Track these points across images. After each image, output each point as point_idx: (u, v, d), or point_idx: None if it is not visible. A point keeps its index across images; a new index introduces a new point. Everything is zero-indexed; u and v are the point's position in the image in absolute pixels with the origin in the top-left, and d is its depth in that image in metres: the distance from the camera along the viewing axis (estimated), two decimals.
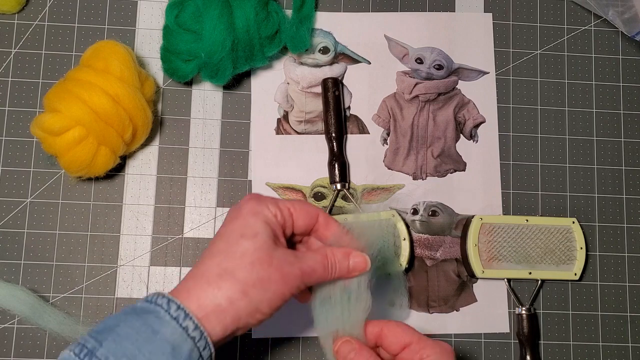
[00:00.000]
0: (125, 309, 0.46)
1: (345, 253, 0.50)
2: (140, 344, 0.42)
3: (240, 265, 0.46)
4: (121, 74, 0.61)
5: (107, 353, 0.42)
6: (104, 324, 0.44)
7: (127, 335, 0.43)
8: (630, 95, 0.73)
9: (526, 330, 0.66)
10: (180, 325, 0.44)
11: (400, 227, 0.66)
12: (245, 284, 0.45)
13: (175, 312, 0.44)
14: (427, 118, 0.71)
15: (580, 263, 0.67)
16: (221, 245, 0.47)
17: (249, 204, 0.48)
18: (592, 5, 0.70)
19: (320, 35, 0.71)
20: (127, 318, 0.44)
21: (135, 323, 0.43)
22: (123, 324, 0.43)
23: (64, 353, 0.43)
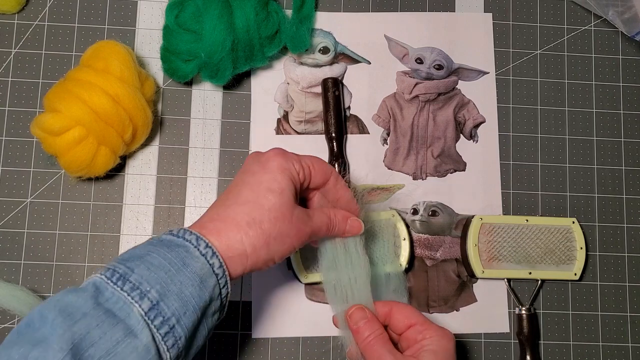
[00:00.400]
0: (150, 240, 0.48)
1: (344, 216, 0.55)
2: (172, 274, 0.45)
3: (266, 218, 0.49)
4: (121, 74, 0.61)
5: (140, 279, 0.44)
6: (130, 254, 0.46)
7: (159, 264, 0.45)
8: (630, 95, 0.73)
9: (526, 330, 0.66)
10: (207, 261, 0.46)
11: (400, 227, 0.66)
12: (269, 235, 0.49)
13: (204, 249, 0.46)
14: (427, 118, 0.71)
15: (580, 263, 0.67)
16: (250, 195, 0.49)
17: (277, 159, 0.51)
18: (592, 5, 0.70)
19: (320, 35, 0.71)
20: (157, 249, 0.46)
21: (167, 254, 0.45)
22: (154, 254, 0.45)
23: (93, 278, 0.44)
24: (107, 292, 0.43)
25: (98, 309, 0.42)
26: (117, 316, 0.42)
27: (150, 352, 0.42)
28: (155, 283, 0.44)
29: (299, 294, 0.66)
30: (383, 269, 0.64)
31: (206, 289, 0.46)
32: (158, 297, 0.44)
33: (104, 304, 0.43)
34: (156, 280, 0.44)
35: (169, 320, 0.44)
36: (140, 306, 0.43)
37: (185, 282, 0.45)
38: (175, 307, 0.44)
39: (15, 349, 0.40)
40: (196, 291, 0.45)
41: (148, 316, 0.43)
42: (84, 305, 0.42)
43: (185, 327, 0.45)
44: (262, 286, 0.66)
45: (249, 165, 0.52)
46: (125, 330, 0.42)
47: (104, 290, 0.43)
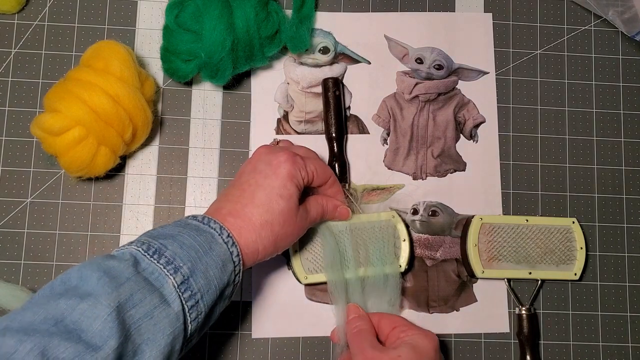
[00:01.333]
0: (177, 222, 0.53)
1: (334, 205, 0.63)
2: (201, 255, 0.50)
3: (277, 221, 0.55)
4: (121, 74, 0.61)
5: (174, 254, 0.48)
6: (160, 232, 0.51)
7: (190, 244, 0.50)
8: (630, 95, 0.73)
9: (526, 330, 0.66)
10: (228, 249, 0.52)
11: (400, 228, 0.66)
12: (277, 236, 0.55)
13: (226, 238, 0.52)
14: (427, 118, 0.71)
15: (580, 263, 0.67)
16: (263, 198, 0.55)
17: (287, 166, 0.56)
18: (592, 5, 0.70)
19: (320, 35, 0.71)
20: (187, 231, 0.51)
21: (197, 237, 0.51)
22: (185, 235, 0.50)
23: (129, 248, 0.49)
24: (143, 263, 0.48)
25: (139, 277, 0.47)
26: (153, 285, 0.47)
27: (180, 320, 0.47)
28: (187, 260, 0.49)
29: (299, 294, 0.66)
30: (382, 270, 0.64)
31: (226, 273, 0.51)
32: (189, 273, 0.48)
33: (142, 273, 0.47)
34: (187, 258, 0.49)
35: (196, 295, 0.48)
36: (174, 279, 0.47)
37: (210, 263, 0.50)
38: (202, 284, 0.49)
39: (62, 299, 0.43)
40: (218, 273, 0.50)
41: (180, 289, 0.48)
42: (127, 271, 0.46)
43: (207, 303, 0.50)
44: (262, 286, 0.66)
45: (260, 165, 0.57)
46: (160, 298, 0.47)
47: (141, 261, 0.48)
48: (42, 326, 0.42)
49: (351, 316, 0.61)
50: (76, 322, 0.42)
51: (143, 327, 0.45)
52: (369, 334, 0.59)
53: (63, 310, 0.43)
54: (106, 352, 0.42)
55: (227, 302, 0.54)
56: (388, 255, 0.64)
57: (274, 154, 0.58)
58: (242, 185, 0.56)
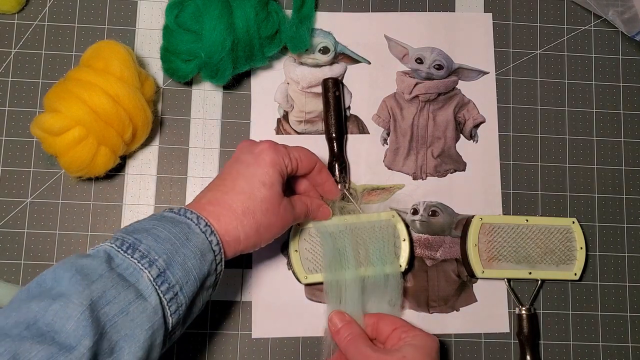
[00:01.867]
0: (153, 216, 0.52)
1: (318, 204, 0.63)
2: (177, 247, 0.49)
3: (259, 209, 0.54)
4: (121, 74, 0.61)
5: (148, 248, 0.48)
6: (134, 227, 0.50)
7: (166, 237, 0.49)
8: (630, 95, 0.73)
9: (526, 330, 0.66)
10: (207, 238, 0.51)
11: (400, 228, 0.66)
12: (260, 224, 0.54)
13: (203, 227, 0.51)
14: (427, 118, 0.71)
15: (580, 263, 0.67)
16: (245, 186, 0.54)
17: (269, 153, 0.56)
18: (592, 5, 0.70)
19: (320, 35, 0.71)
20: (161, 224, 0.50)
21: (172, 229, 0.50)
22: (159, 227, 0.50)
23: (103, 246, 0.48)
24: (117, 259, 0.47)
25: (112, 273, 0.46)
26: (128, 280, 0.46)
27: (158, 314, 0.46)
28: (162, 253, 0.48)
29: (299, 294, 0.66)
30: (382, 270, 0.64)
31: (205, 263, 0.50)
32: (165, 266, 0.47)
33: (116, 269, 0.46)
34: (163, 251, 0.48)
35: (174, 287, 0.48)
36: (149, 273, 0.47)
37: (188, 254, 0.49)
38: (179, 276, 0.48)
39: (34, 302, 0.43)
40: (197, 263, 0.49)
41: (156, 282, 0.47)
42: (99, 268, 0.45)
43: (187, 295, 0.49)
44: (262, 286, 0.66)
45: (243, 156, 0.56)
46: (136, 293, 0.46)
47: (115, 257, 0.47)
48: (13, 330, 0.41)
49: (339, 325, 0.60)
50: (49, 323, 0.42)
51: (119, 323, 0.44)
52: (365, 339, 0.58)
53: (35, 313, 0.42)
54: (80, 351, 0.41)
55: (212, 292, 0.54)
56: (388, 255, 0.64)
57: (256, 143, 0.57)
58: (224, 175, 0.56)
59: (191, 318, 0.52)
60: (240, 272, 0.66)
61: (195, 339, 0.65)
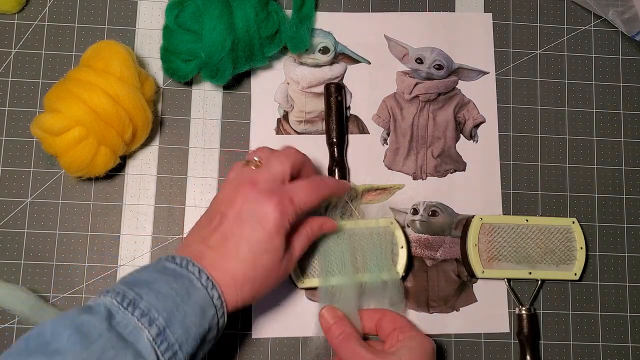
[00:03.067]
0: (155, 267, 0.51)
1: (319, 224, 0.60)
2: (178, 303, 0.48)
3: (259, 277, 0.53)
4: (121, 74, 0.61)
5: (149, 305, 0.47)
6: (136, 278, 0.50)
7: (167, 293, 0.48)
8: (630, 95, 0.73)
9: (526, 330, 0.66)
10: (208, 293, 0.50)
11: (398, 234, 0.66)
12: (258, 291, 0.54)
13: (205, 281, 0.50)
14: (427, 118, 0.71)
15: (580, 263, 0.67)
16: (247, 254, 0.52)
17: (274, 217, 0.53)
18: (592, 5, 0.70)
19: (320, 35, 0.71)
20: (164, 278, 0.49)
21: (173, 284, 0.49)
22: (161, 282, 0.49)
23: (104, 299, 0.47)
24: (118, 316, 0.46)
25: (111, 332, 0.45)
26: (127, 340, 0.45)
27: None
28: (163, 310, 0.47)
29: (299, 294, 0.66)
30: (380, 276, 0.64)
31: (206, 319, 0.50)
32: (165, 324, 0.47)
33: (115, 327, 0.46)
34: (163, 308, 0.47)
35: (173, 346, 0.47)
36: (149, 332, 0.46)
37: (188, 311, 0.48)
38: (179, 334, 0.48)
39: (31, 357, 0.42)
40: (198, 320, 0.49)
41: (155, 342, 0.46)
42: (99, 327, 0.45)
43: (186, 353, 0.48)
44: None
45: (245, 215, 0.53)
46: (134, 354, 0.45)
47: (116, 313, 0.46)
48: None
49: (331, 321, 0.59)
50: None
51: None
52: (358, 338, 0.58)
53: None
54: None
55: (212, 343, 0.53)
56: (385, 261, 0.64)
57: (260, 201, 0.53)
58: (225, 232, 0.53)
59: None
60: None
61: None
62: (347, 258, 0.63)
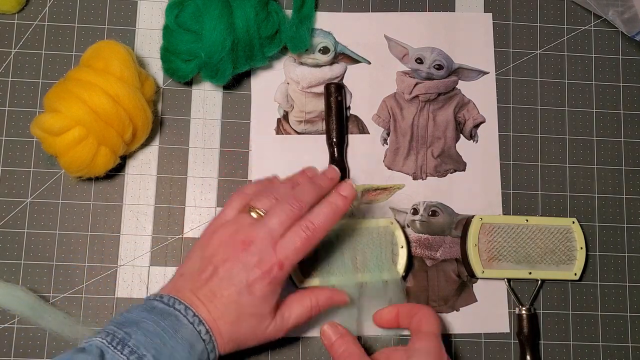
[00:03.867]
0: (143, 306, 0.53)
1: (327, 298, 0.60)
2: (166, 340, 0.50)
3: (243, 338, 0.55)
4: (121, 74, 0.61)
5: (137, 343, 0.49)
6: (125, 318, 0.52)
7: (154, 331, 0.50)
8: (630, 95, 0.73)
9: (526, 330, 0.66)
10: (195, 328, 0.52)
11: (398, 234, 0.66)
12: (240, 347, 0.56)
13: (191, 318, 0.52)
14: (427, 118, 0.71)
15: (580, 263, 0.67)
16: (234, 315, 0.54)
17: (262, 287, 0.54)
18: (592, 5, 0.70)
19: (320, 35, 0.71)
20: (151, 317, 0.51)
21: (161, 322, 0.51)
22: (149, 321, 0.51)
23: (94, 341, 0.50)
24: (108, 355, 0.48)
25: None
26: None
27: None
28: (151, 348, 0.49)
29: None
30: (380, 277, 0.64)
31: (195, 353, 0.51)
32: None
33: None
34: (151, 346, 0.49)
35: None
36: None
37: (176, 347, 0.50)
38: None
39: None
40: (186, 355, 0.51)
41: None
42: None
43: None
44: None
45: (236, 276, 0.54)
46: None
47: (106, 353, 0.48)
48: None
49: (333, 338, 0.59)
50: None
51: None
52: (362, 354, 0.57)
53: None
54: None
55: None
56: (385, 261, 0.64)
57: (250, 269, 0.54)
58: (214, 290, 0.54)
59: None
60: None
61: None
62: (347, 258, 0.64)
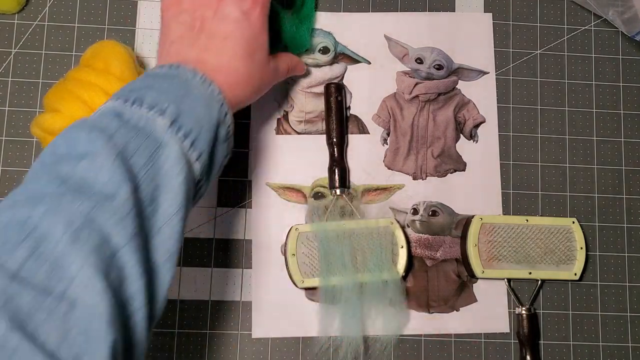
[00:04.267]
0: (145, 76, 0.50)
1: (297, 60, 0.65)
2: (182, 96, 0.47)
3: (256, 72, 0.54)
4: (121, 74, 0.61)
5: (156, 99, 0.46)
6: (132, 86, 0.48)
7: (168, 88, 0.47)
8: (630, 95, 0.73)
9: (526, 330, 0.66)
10: (207, 89, 0.50)
11: (398, 234, 0.66)
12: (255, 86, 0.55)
13: (200, 79, 0.50)
14: (427, 118, 0.71)
15: (580, 263, 0.67)
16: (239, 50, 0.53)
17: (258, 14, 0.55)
18: (592, 5, 0.70)
19: (320, 35, 0.71)
20: (159, 80, 0.48)
21: (172, 82, 0.48)
22: (160, 82, 0.48)
23: (106, 105, 0.46)
24: (127, 113, 0.45)
25: (126, 126, 0.44)
26: (144, 131, 0.44)
27: (182, 161, 0.45)
28: (171, 102, 0.46)
29: (299, 294, 0.66)
30: (380, 276, 0.64)
31: (213, 110, 0.49)
32: (177, 112, 0.46)
33: (129, 122, 0.44)
34: (171, 100, 0.46)
35: (191, 133, 0.46)
36: (162, 121, 0.45)
37: (194, 102, 0.48)
38: (193, 122, 0.47)
39: (59, 165, 0.41)
40: (206, 111, 0.48)
41: (172, 129, 0.45)
42: (112, 123, 0.44)
43: (205, 142, 0.47)
44: (262, 286, 0.66)
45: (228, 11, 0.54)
46: (155, 142, 0.44)
47: (123, 112, 0.45)
48: (48, 189, 0.39)
49: None
50: (82, 178, 0.40)
51: (150, 173, 0.43)
52: None
53: (64, 173, 0.40)
54: (122, 197, 0.40)
55: (227, 150, 0.52)
56: (385, 261, 0.64)
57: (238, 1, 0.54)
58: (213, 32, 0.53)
59: (213, 174, 0.51)
60: (240, 272, 0.66)
61: (195, 339, 0.65)
62: (347, 258, 0.64)
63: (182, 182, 0.45)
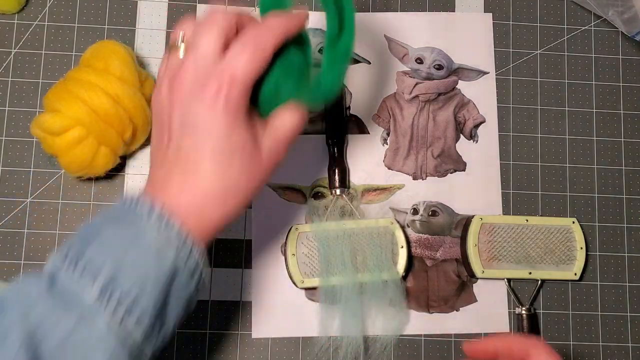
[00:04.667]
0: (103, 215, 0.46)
1: None
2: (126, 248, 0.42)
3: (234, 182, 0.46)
4: (121, 74, 0.61)
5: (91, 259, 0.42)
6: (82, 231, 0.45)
7: (111, 239, 0.43)
8: (630, 95, 0.73)
9: (526, 330, 0.66)
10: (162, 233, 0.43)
11: (398, 235, 0.66)
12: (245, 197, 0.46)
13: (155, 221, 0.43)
14: (427, 118, 0.71)
15: (580, 263, 0.67)
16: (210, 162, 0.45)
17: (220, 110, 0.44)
18: (592, 5, 0.70)
19: (320, 35, 0.71)
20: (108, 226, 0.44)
21: (119, 231, 0.43)
22: (105, 232, 0.43)
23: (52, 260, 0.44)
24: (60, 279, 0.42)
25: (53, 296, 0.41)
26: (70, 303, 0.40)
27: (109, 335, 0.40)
28: (109, 259, 0.41)
29: (299, 294, 0.66)
30: (380, 276, 0.64)
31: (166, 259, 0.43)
32: (114, 271, 0.41)
33: (56, 290, 0.41)
34: (111, 254, 0.42)
35: (129, 294, 0.41)
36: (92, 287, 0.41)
37: (140, 254, 0.42)
38: (135, 278, 0.41)
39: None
40: (155, 262, 0.42)
41: (102, 296, 0.40)
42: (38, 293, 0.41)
43: (150, 299, 0.42)
44: (262, 286, 0.66)
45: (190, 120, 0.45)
46: (78, 317, 0.40)
47: (57, 277, 0.42)
48: None
49: None
50: None
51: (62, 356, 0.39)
52: None
53: None
54: None
55: (193, 291, 0.45)
56: (385, 261, 0.64)
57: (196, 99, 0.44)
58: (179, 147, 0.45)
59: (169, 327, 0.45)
60: (240, 272, 0.66)
61: (195, 339, 0.65)
62: (347, 258, 0.64)
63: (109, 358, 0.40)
